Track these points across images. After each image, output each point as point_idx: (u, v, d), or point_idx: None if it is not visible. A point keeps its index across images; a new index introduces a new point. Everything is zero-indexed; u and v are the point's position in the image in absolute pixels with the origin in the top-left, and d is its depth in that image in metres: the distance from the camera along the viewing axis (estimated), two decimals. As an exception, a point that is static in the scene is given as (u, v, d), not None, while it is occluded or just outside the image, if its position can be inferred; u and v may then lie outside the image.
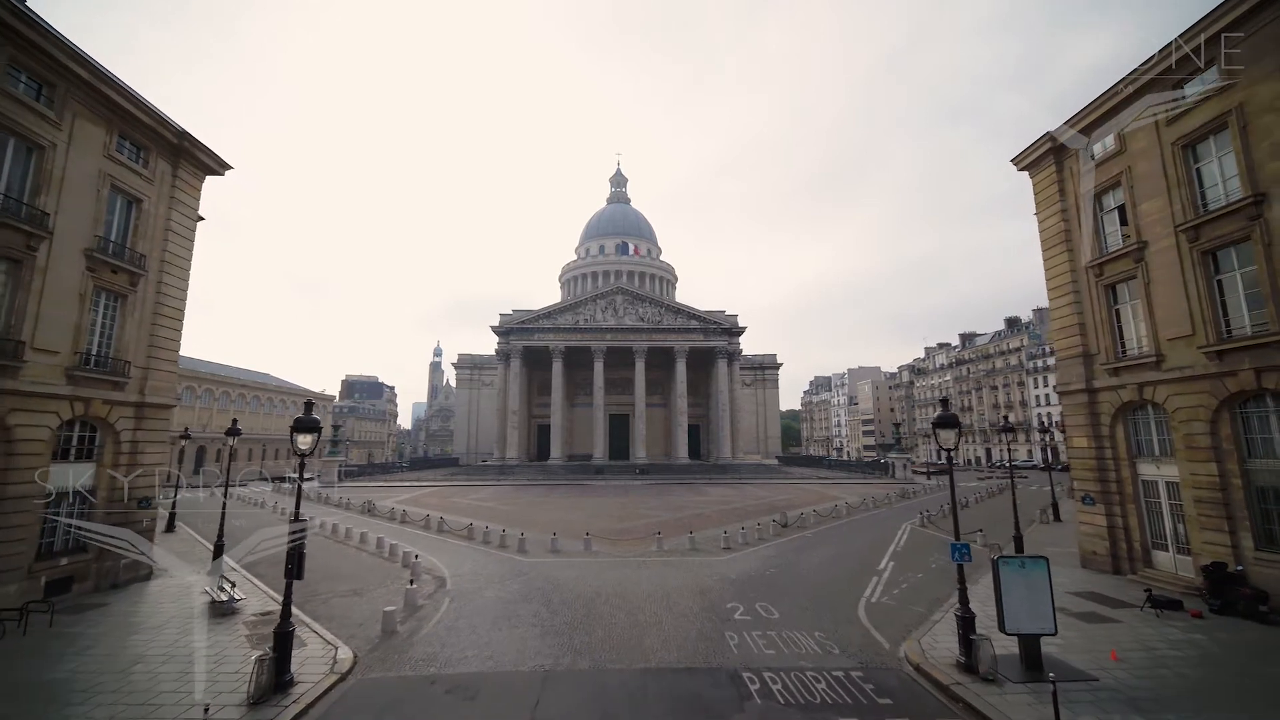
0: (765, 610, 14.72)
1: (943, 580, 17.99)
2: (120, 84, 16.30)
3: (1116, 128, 17.22)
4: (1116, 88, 17.00)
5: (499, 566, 19.83)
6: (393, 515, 31.52)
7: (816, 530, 27.26)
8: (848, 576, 18.33)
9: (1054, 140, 19.34)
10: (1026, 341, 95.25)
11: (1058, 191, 19.63)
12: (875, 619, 14.23)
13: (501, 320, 72.51)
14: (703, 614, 14.47)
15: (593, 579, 17.88)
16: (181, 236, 19.12)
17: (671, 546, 22.72)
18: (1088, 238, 18.53)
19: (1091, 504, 18.21)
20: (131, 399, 17.11)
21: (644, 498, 42.41)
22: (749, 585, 17.15)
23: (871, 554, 21.80)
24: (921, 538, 25.40)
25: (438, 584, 17.66)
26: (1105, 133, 17.78)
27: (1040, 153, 19.91)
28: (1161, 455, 16.51)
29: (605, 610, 14.80)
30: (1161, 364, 16.00)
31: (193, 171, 19.51)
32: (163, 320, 18.24)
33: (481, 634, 13.15)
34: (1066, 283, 19.22)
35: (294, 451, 11.02)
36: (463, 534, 25.48)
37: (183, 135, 18.54)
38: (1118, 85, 16.96)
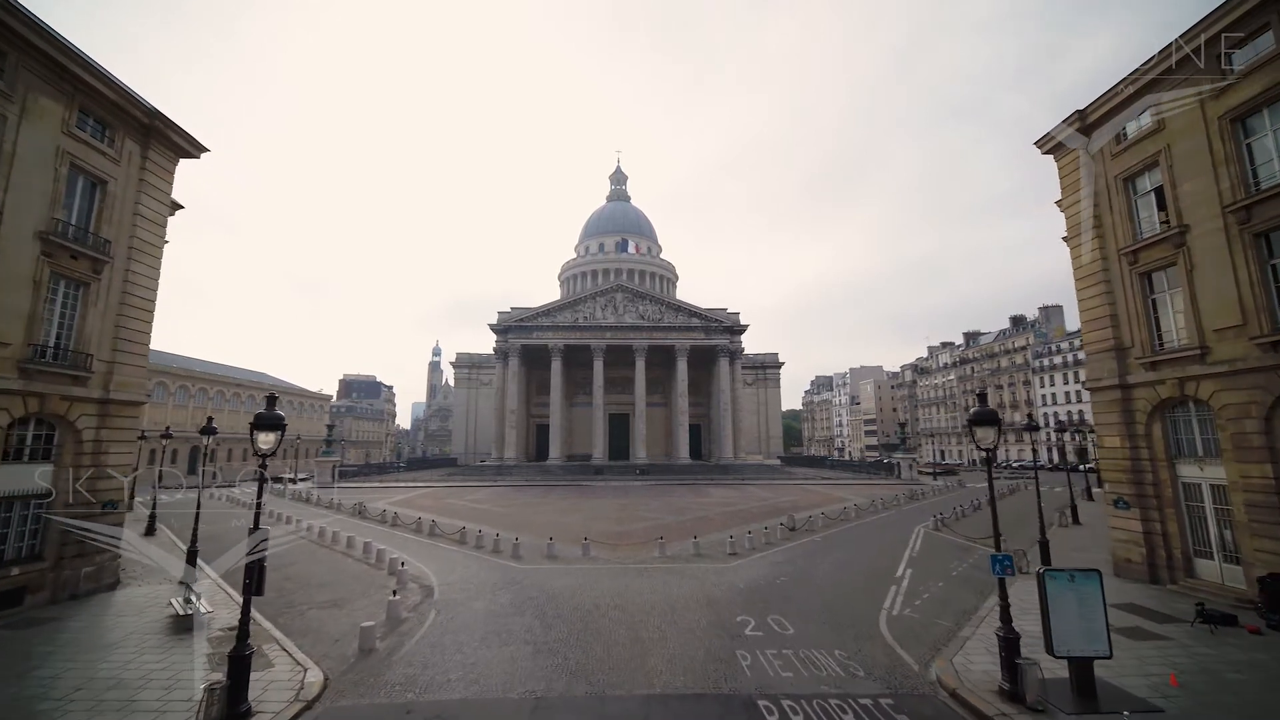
0: (779, 624, 13.50)
1: (966, 589, 16.80)
2: (81, 55, 15.08)
3: (1154, 104, 16.00)
4: (1152, 62, 15.80)
5: (491, 574, 18.61)
6: (383, 518, 30.30)
7: (826, 534, 26.05)
8: (864, 585, 17.12)
9: (1083, 119, 18.13)
10: (1032, 340, 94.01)
11: (1087, 174, 18.40)
12: (899, 634, 13.01)
13: (499, 318, 71.28)
14: (711, 629, 13.25)
15: (591, 588, 16.66)
16: (152, 222, 17.90)
17: (674, 552, 21.51)
18: (1120, 222, 17.32)
19: (1125, 508, 17.00)
20: (95, 395, 15.89)
21: (644, 499, 41.19)
22: (759, 595, 15.93)
23: (886, 560, 20.58)
24: (937, 542, 24.18)
25: (424, 594, 16.44)
26: (1141, 109, 16.56)
27: (1067, 133, 18.68)
28: (1206, 456, 15.29)
29: (604, 624, 13.58)
30: (1206, 357, 14.78)
31: (165, 154, 18.30)
32: (130, 311, 17.02)
33: (468, 652, 11.93)
34: (1096, 271, 18.00)
35: (255, 452, 9.79)
36: (455, 538, 24.27)
37: (153, 114, 17.32)
38: (1154, 59, 15.77)
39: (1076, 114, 18.24)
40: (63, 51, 14.77)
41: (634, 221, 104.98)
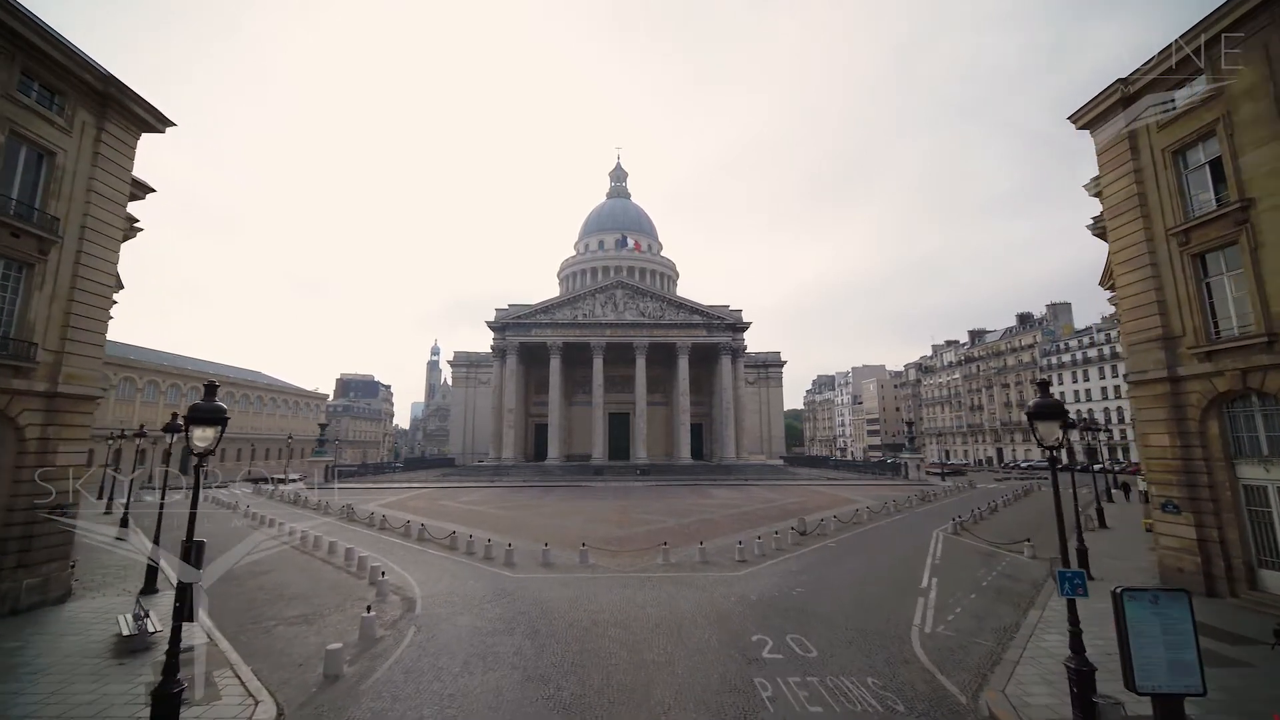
0: (800, 645, 11.97)
1: (1001, 602, 15.28)
2: (20, 8, 13.57)
3: (1211, 66, 14.47)
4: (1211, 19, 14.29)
5: (480, 584, 17.09)
6: (371, 521, 28.78)
7: (839, 539, 24.52)
8: (888, 597, 15.60)
9: (1127, 88, 16.60)
10: (1040, 338, 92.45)
11: (1129, 149, 16.88)
12: (937, 657, 11.49)
13: (497, 315, 69.72)
14: (723, 650, 11.74)
15: (589, 601, 15.15)
16: (109, 200, 16.38)
17: (679, 559, 20.00)
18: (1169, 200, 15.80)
19: (1175, 512, 15.48)
20: (40, 388, 14.37)
21: (646, 500, 39.67)
22: (775, 610, 14.41)
23: (908, 568, 19.07)
24: (959, 548, 22.66)
25: (405, 607, 14.91)
26: (1194, 74, 15.03)
27: (1108, 104, 17.15)
28: (1273, 455, 13.77)
29: (603, 645, 12.06)
30: (1276, 345, 13.26)
31: (124, 126, 16.76)
32: (83, 297, 15.49)
33: (447, 680, 10.41)
34: (1141, 254, 16.47)
35: (189, 450, 8.27)
36: (444, 543, 22.75)
37: (109, 80, 15.79)
38: (1212, 16, 14.26)
39: (1119, 82, 16.70)
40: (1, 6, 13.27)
41: (634, 219, 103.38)
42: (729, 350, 68.89)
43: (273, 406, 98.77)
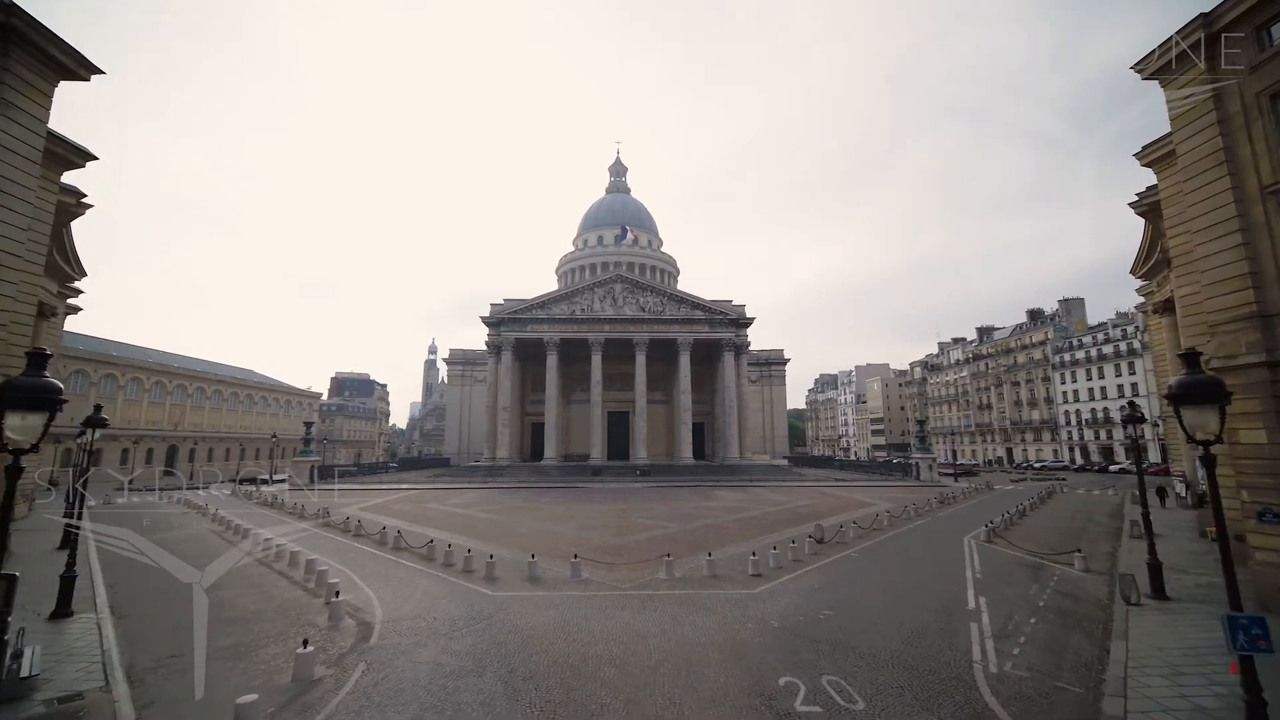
0: (840, 691, 9.53)
1: (1070, 628, 12.88)
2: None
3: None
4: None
5: (453, 605, 14.65)
6: (346, 527, 26.32)
7: (861, 548, 22.07)
8: (934, 622, 13.16)
9: (1209, 25, 14.17)
10: (1051, 334, 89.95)
11: (1213, 96, 14.45)
12: (1017, 709, 9.05)
13: (493, 310, 67.26)
14: (745, 699, 9.29)
15: (579, 629, 12.71)
16: (19, 155, 13.97)
17: (684, 572, 17.57)
18: (1264, 153, 13.37)
19: (1276, 522, 13.04)
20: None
21: (646, 503, 37.23)
22: (802, 640, 11.96)
23: (948, 584, 16.64)
24: (998, 558, 20.21)
25: (359, 636, 12.46)
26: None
27: (1184, 47, 14.72)
28: None
29: (594, 692, 9.61)
30: None
31: (35, 68, 14.33)
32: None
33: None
34: (1229, 218, 14.04)
35: (1, 446, 5.83)
36: (421, 553, 20.30)
37: (9, 9, 13.36)
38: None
39: (1201, 17, 14.28)
40: None
41: (634, 213, 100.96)
42: (732, 346, 66.46)
43: (263, 405, 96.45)
